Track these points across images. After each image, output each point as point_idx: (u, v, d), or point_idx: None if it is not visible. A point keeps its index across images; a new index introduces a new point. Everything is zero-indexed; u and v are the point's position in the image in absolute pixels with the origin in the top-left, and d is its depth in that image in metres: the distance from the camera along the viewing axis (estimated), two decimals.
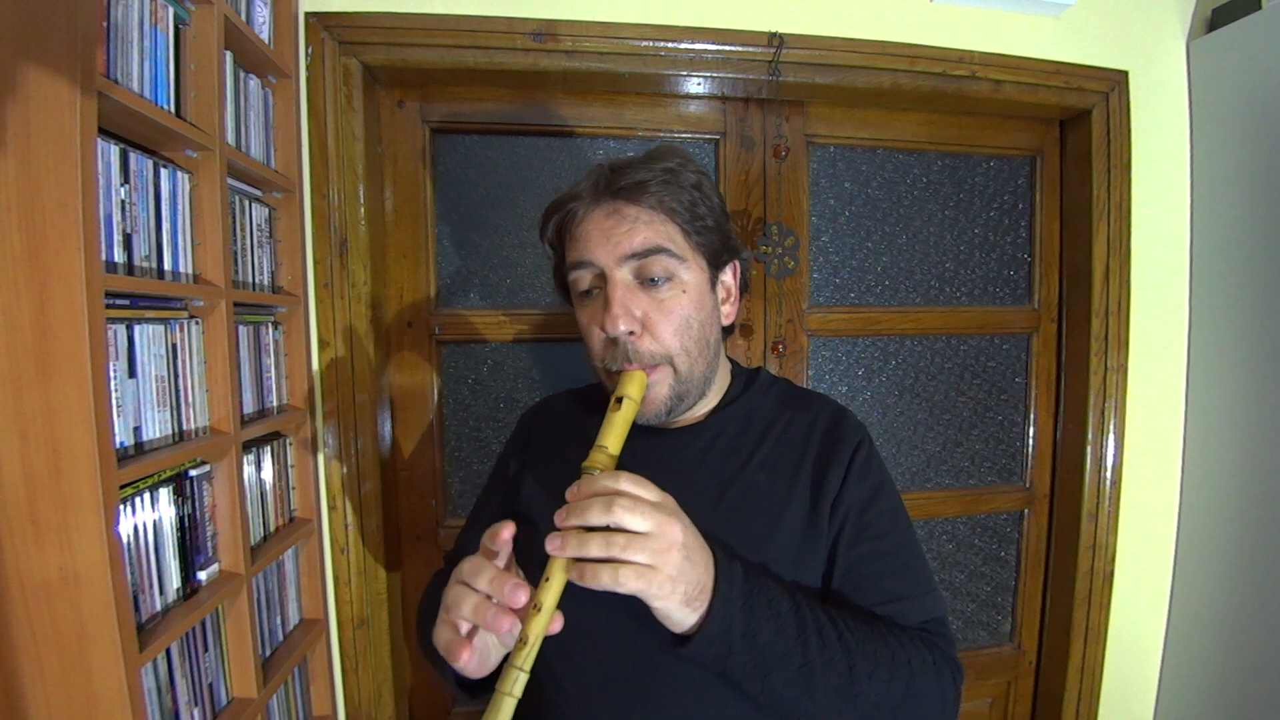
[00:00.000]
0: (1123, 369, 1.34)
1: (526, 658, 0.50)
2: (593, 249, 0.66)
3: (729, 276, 0.74)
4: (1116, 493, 1.36)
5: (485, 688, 0.62)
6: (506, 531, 0.53)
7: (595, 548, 0.50)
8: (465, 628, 0.54)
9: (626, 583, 0.49)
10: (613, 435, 0.58)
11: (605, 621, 0.61)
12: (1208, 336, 1.34)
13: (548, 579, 0.51)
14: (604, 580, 0.49)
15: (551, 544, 0.51)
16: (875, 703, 0.57)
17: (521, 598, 0.49)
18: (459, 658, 0.51)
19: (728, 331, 0.76)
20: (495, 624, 0.49)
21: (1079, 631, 1.37)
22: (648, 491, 0.53)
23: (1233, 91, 1.26)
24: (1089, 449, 1.35)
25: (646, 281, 0.65)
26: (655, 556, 0.50)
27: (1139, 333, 1.35)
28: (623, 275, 0.65)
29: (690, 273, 0.67)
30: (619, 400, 0.61)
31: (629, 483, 0.53)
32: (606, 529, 0.51)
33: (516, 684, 0.49)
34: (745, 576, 0.56)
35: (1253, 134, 1.23)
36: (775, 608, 0.56)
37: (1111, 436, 1.35)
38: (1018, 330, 1.43)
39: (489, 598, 0.52)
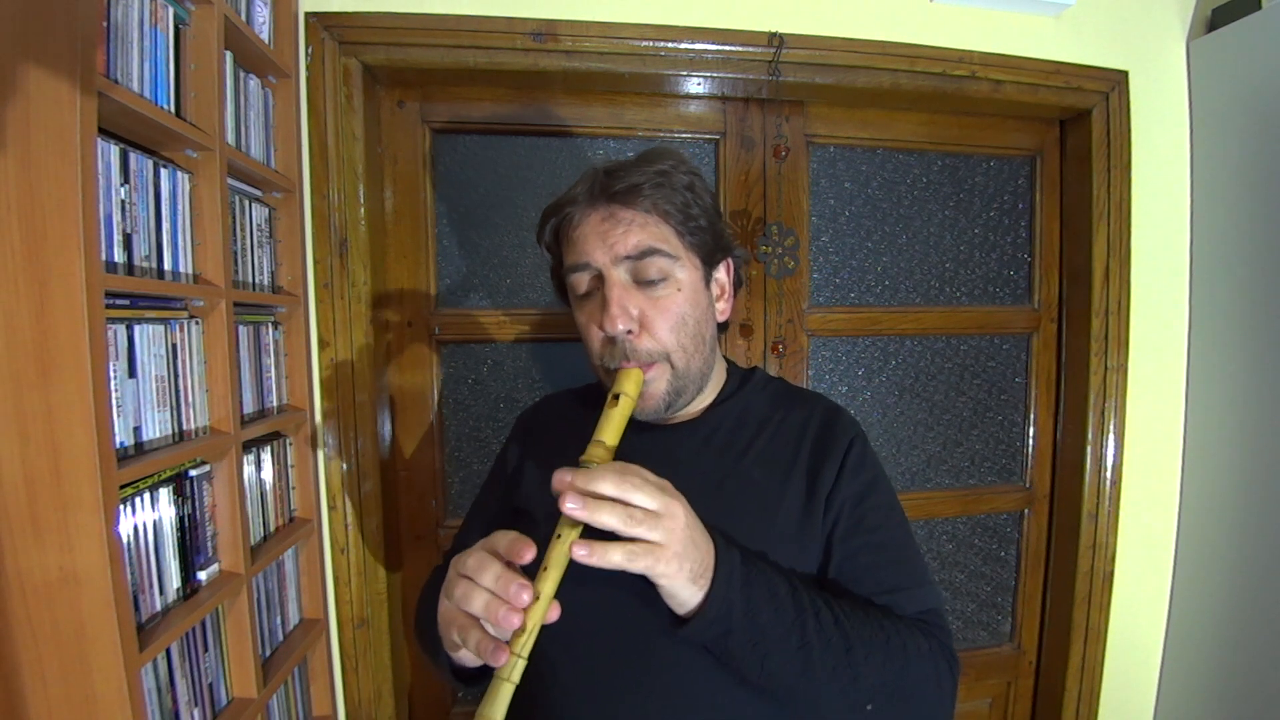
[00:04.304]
0: (1123, 369, 1.34)
1: (525, 645, 0.50)
2: (590, 251, 0.67)
3: (723, 274, 0.76)
4: (1116, 493, 1.36)
5: (481, 676, 0.62)
6: (529, 554, 0.52)
7: (611, 515, 0.50)
8: (489, 627, 0.53)
9: (637, 560, 0.50)
10: (609, 430, 0.59)
11: (603, 607, 0.61)
12: (1208, 336, 1.34)
13: (546, 568, 0.52)
14: (615, 559, 0.50)
15: (572, 501, 0.50)
16: (873, 685, 0.58)
17: (525, 598, 0.50)
18: (499, 659, 0.50)
19: (723, 328, 0.78)
20: (506, 622, 0.49)
21: (1079, 631, 1.37)
22: (648, 475, 0.54)
23: (1232, 91, 1.26)
24: (1089, 449, 1.35)
25: (642, 282, 0.67)
26: (665, 534, 0.51)
27: (1139, 333, 1.35)
28: (619, 276, 0.67)
29: (685, 271, 0.69)
30: (616, 397, 0.62)
31: (630, 468, 0.54)
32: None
33: (515, 670, 0.50)
34: (743, 559, 0.57)
35: (1253, 134, 1.23)
36: (773, 589, 0.57)
37: (1111, 436, 1.35)
38: (1018, 330, 1.43)
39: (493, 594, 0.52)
